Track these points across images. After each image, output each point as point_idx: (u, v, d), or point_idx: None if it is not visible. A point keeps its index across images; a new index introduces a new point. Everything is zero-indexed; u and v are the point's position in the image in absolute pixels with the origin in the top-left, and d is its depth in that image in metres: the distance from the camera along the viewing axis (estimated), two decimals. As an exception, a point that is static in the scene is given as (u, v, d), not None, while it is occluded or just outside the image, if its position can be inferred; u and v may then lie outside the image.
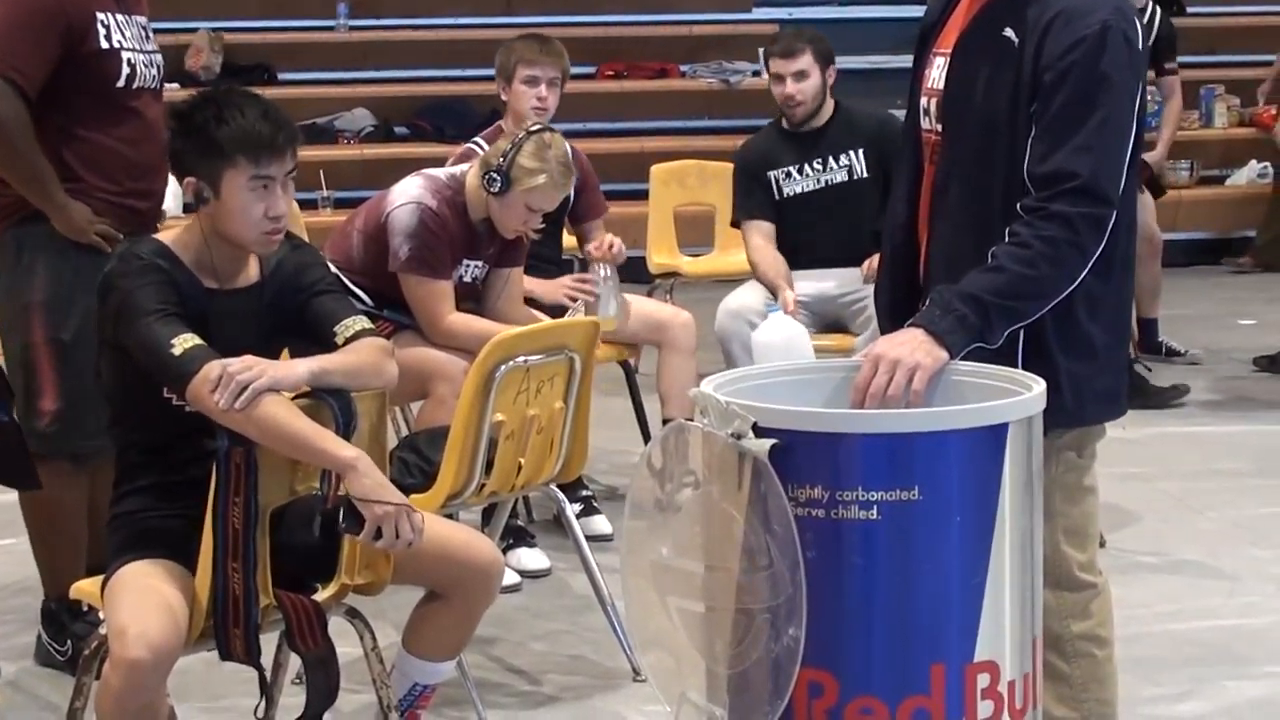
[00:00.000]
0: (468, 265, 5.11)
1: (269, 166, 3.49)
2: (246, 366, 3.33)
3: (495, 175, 4.98)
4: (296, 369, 3.41)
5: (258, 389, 3.30)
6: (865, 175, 5.97)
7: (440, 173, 5.18)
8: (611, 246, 5.58)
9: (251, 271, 3.61)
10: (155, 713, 3.35)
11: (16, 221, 4.44)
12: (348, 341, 3.53)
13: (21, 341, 4.46)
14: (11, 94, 4.33)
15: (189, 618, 3.36)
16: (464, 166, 5.18)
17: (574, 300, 5.51)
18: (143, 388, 3.46)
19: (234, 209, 3.49)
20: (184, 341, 3.36)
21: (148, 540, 3.48)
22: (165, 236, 3.60)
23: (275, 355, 3.59)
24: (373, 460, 3.42)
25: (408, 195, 5.04)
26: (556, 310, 5.49)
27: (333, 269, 4.30)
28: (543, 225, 5.22)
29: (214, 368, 3.31)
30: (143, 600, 3.33)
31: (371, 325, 3.62)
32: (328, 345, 3.55)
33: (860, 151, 5.99)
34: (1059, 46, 3.02)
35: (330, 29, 11.20)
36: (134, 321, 3.41)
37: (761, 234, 6.00)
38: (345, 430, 3.40)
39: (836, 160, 5.99)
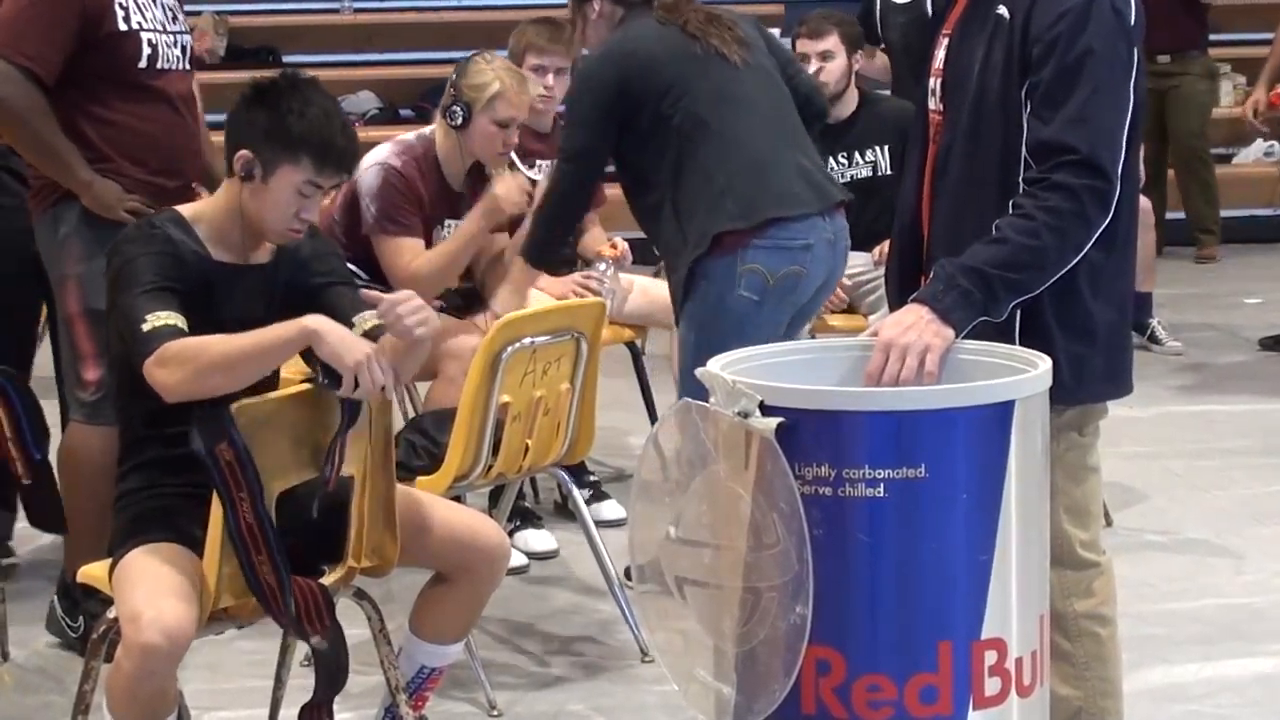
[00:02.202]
0: (449, 225, 5.12)
1: (328, 179, 3.52)
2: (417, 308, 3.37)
3: (454, 109, 5.01)
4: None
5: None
6: (889, 172, 5.91)
7: (410, 135, 5.21)
8: (618, 248, 5.60)
9: (266, 249, 3.62)
10: (166, 697, 3.35)
11: (54, 201, 4.50)
12: (367, 334, 3.49)
13: (63, 314, 4.55)
14: (23, 80, 4.36)
15: (206, 602, 3.37)
16: (434, 126, 5.19)
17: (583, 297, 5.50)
18: None
19: (275, 201, 3.50)
20: (156, 319, 3.35)
21: (154, 523, 3.48)
22: (185, 207, 3.62)
23: None
24: (383, 441, 3.46)
25: (373, 159, 5.09)
26: None
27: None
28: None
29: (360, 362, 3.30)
30: (155, 585, 3.33)
31: (382, 325, 3.59)
32: None
33: (885, 148, 5.95)
34: (1045, 19, 3.03)
35: (335, 12, 11.22)
36: (125, 290, 3.41)
37: None
38: (352, 413, 3.40)
39: (862, 155, 5.95)
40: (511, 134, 5.09)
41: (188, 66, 4.63)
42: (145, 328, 3.34)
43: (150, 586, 3.32)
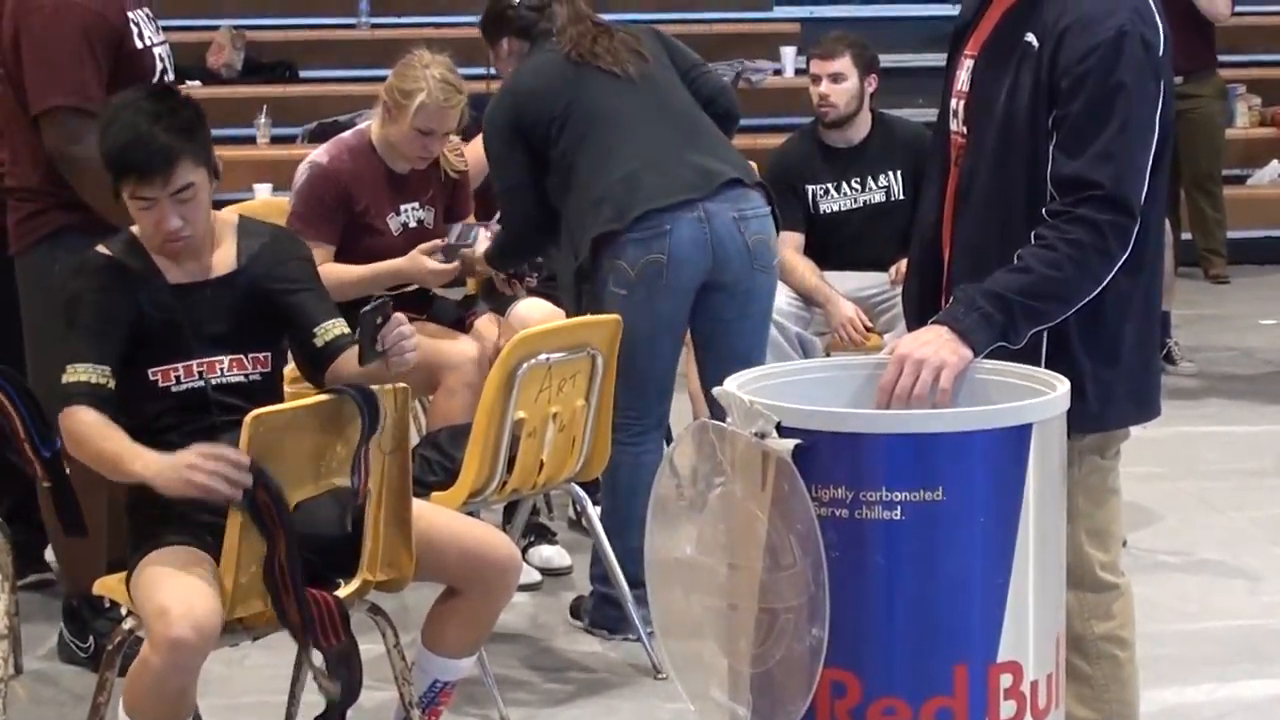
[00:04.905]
0: (405, 210, 5.12)
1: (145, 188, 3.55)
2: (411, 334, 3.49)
3: (386, 106, 5.04)
4: None
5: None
6: (902, 197, 5.87)
7: (347, 132, 5.25)
8: None
9: (227, 259, 3.64)
10: (186, 698, 3.37)
11: (45, 237, 4.45)
12: (329, 344, 3.58)
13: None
14: (94, 127, 4.30)
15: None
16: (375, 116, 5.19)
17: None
18: (127, 370, 3.52)
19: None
20: (74, 372, 3.47)
21: (169, 527, 3.51)
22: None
23: (260, 340, 3.61)
24: (400, 456, 3.48)
25: (307, 160, 5.13)
26: None
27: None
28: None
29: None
30: (180, 581, 3.36)
31: (349, 332, 3.62)
32: (306, 345, 3.58)
33: (899, 172, 5.92)
34: (1075, 53, 3.02)
35: (352, 26, 11.20)
36: (65, 325, 3.54)
37: (792, 245, 5.91)
38: (371, 428, 3.41)
39: (875, 180, 5.93)
40: (433, 142, 5.07)
41: (175, 76, 4.63)
42: (63, 379, 3.47)
43: (176, 584, 3.35)
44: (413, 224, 5.12)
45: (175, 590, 3.33)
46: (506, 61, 4.96)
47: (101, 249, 3.63)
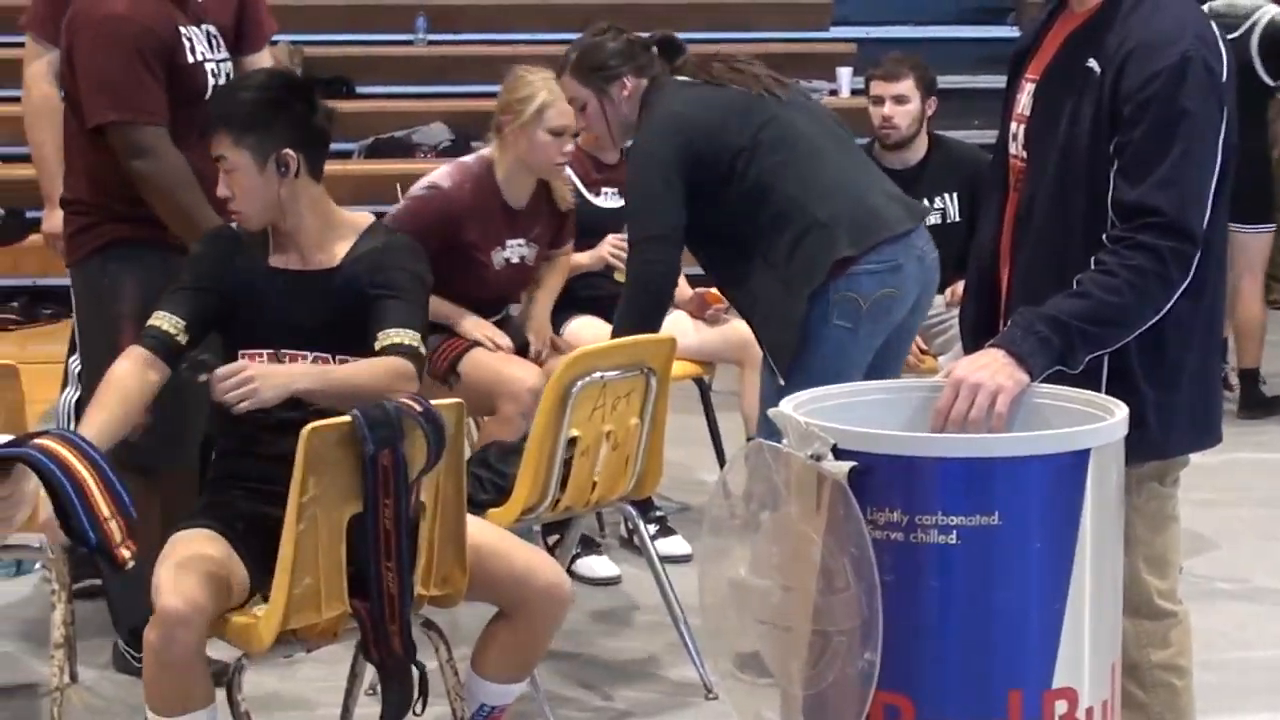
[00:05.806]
0: (510, 245, 5.12)
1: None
2: (240, 382, 3.44)
3: (508, 124, 5.03)
4: (293, 383, 3.48)
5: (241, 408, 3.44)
6: (958, 219, 5.87)
7: (469, 157, 5.24)
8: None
9: (332, 257, 3.71)
10: (192, 672, 3.38)
11: (96, 249, 4.49)
12: (383, 350, 3.57)
13: (109, 352, 4.45)
14: (166, 139, 4.34)
15: (234, 591, 3.46)
16: (491, 147, 5.17)
17: (619, 260, 5.42)
18: (219, 338, 3.68)
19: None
20: (156, 318, 3.66)
21: (206, 511, 3.63)
22: None
23: (347, 341, 3.63)
24: (455, 472, 3.51)
25: (429, 178, 5.10)
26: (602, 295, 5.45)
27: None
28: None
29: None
30: (186, 561, 3.43)
31: (410, 344, 3.59)
32: (368, 347, 3.60)
33: (955, 195, 5.91)
34: (1138, 79, 3.02)
35: (409, 43, 11.25)
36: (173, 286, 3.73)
37: None
38: (437, 453, 3.41)
39: (931, 202, 5.91)
40: (566, 142, 5.06)
41: None
42: (147, 323, 3.66)
43: (182, 561, 3.43)
44: (515, 260, 5.15)
45: (177, 568, 3.41)
46: (629, 102, 4.54)
47: (230, 224, 3.86)
